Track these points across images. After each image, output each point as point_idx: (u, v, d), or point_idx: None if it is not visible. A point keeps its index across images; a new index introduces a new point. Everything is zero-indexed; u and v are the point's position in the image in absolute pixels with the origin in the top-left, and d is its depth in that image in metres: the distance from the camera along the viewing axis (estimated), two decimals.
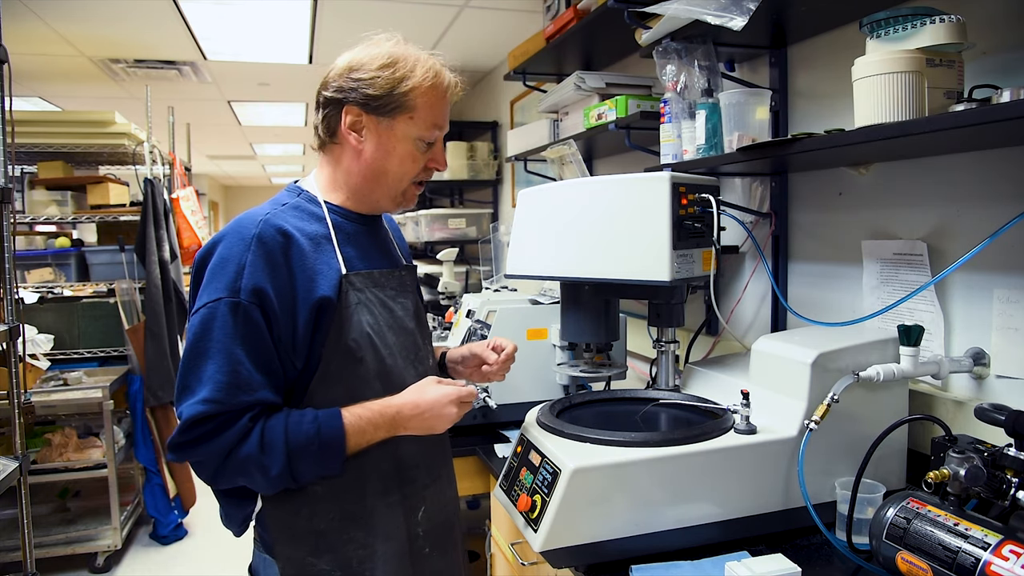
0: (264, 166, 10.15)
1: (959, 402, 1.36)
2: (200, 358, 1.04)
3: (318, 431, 1.06)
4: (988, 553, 0.91)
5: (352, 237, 1.21)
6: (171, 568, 3.27)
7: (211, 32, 3.42)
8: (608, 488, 1.15)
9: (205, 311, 1.05)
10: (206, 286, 1.07)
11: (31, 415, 3.39)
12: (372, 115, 1.15)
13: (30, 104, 4.82)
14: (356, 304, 1.14)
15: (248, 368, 1.04)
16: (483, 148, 4.01)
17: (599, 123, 2.01)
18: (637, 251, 1.32)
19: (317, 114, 1.20)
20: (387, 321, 1.20)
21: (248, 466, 1.05)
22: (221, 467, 1.05)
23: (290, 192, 1.21)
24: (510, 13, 3.14)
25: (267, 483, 1.07)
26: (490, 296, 2.21)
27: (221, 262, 1.07)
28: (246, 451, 1.04)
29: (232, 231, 1.09)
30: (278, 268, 1.08)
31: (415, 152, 1.19)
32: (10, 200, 2.15)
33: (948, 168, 1.38)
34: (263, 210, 1.13)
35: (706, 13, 1.42)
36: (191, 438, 1.03)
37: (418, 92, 1.15)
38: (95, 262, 3.49)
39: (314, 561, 1.13)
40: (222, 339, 1.04)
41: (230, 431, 1.03)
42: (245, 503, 1.16)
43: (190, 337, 1.06)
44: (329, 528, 1.13)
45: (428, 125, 1.18)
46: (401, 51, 1.16)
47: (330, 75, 1.17)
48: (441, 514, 1.28)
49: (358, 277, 1.16)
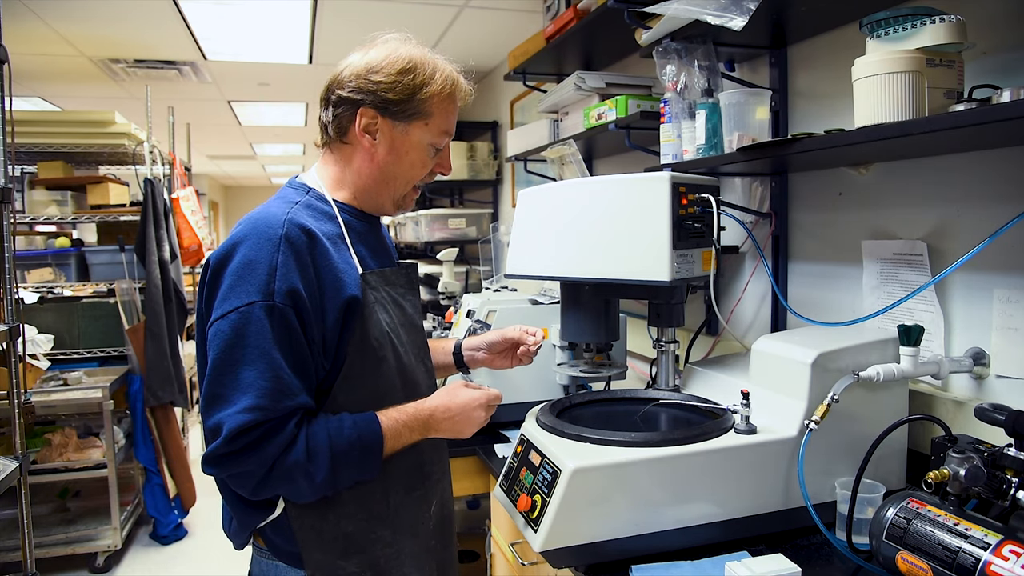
0: (264, 166, 10.15)
1: (959, 402, 1.36)
2: (236, 365, 1.00)
3: (359, 436, 1.06)
4: (988, 553, 0.91)
5: (362, 236, 1.20)
6: (171, 568, 3.27)
7: (211, 32, 3.42)
8: (608, 488, 1.15)
9: (236, 316, 1.01)
10: (232, 290, 1.02)
11: (31, 415, 3.39)
12: (388, 119, 1.14)
13: (30, 104, 4.83)
14: (374, 303, 1.13)
15: (288, 373, 1.01)
16: (483, 148, 4.01)
17: (599, 123, 2.01)
18: (637, 251, 1.32)
19: (326, 112, 1.17)
20: (400, 319, 1.20)
21: (294, 474, 1.02)
22: (266, 477, 1.01)
23: (296, 190, 1.18)
24: (510, 13, 3.14)
25: (311, 490, 1.05)
26: (490, 296, 2.21)
27: (247, 265, 1.03)
28: (293, 459, 1.01)
29: (254, 232, 1.05)
30: (307, 268, 1.05)
31: (425, 157, 1.19)
32: (10, 200, 2.15)
33: (948, 168, 1.38)
34: (282, 209, 1.10)
35: (706, 13, 1.42)
36: (236, 448, 0.98)
37: (436, 100, 1.15)
38: (95, 262, 3.49)
39: (344, 564, 1.11)
40: (260, 344, 1.00)
41: (277, 439, 1.00)
42: (262, 511, 1.11)
43: (220, 343, 1.01)
44: (356, 529, 1.12)
45: (441, 132, 1.19)
46: (420, 56, 1.15)
47: (344, 74, 1.14)
48: (446, 507, 1.30)
49: (373, 276, 1.16)
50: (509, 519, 1.36)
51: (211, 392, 1.01)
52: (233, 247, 1.05)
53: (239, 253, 1.04)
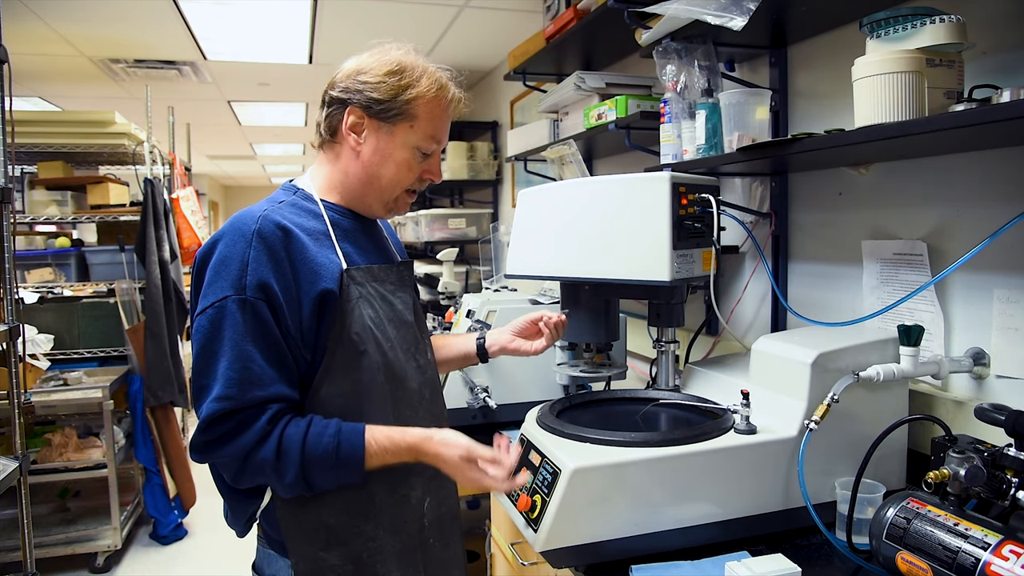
0: (264, 166, 10.16)
1: (959, 402, 1.36)
2: (211, 357, 1.05)
3: (337, 446, 1.07)
4: (988, 553, 0.91)
5: (349, 233, 1.22)
6: (171, 568, 3.26)
7: (211, 32, 3.42)
8: (608, 488, 1.15)
9: (212, 311, 1.06)
10: (209, 286, 1.08)
11: (31, 415, 3.39)
12: (374, 119, 1.17)
13: (30, 104, 4.83)
14: (357, 298, 1.15)
15: (260, 363, 1.05)
16: (483, 148, 4.01)
17: (599, 123, 2.01)
18: (637, 251, 1.32)
19: (321, 112, 1.22)
20: (387, 315, 1.21)
21: (265, 469, 1.06)
22: (241, 468, 1.06)
23: (286, 190, 1.23)
24: (510, 13, 3.15)
25: (282, 487, 1.09)
26: (490, 296, 2.21)
27: (223, 261, 1.08)
28: (263, 455, 1.05)
29: (230, 230, 1.10)
30: (280, 263, 1.09)
31: (411, 161, 1.21)
32: (10, 200, 2.15)
33: (948, 168, 1.38)
34: (260, 207, 1.14)
35: (706, 13, 1.42)
36: (211, 438, 1.04)
37: (421, 102, 1.17)
38: (95, 262, 3.49)
39: (326, 556, 1.13)
40: (232, 336, 1.04)
41: (248, 432, 1.04)
42: (251, 499, 1.16)
43: (200, 338, 1.07)
44: (338, 522, 1.14)
45: (427, 136, 1.20)
46: (410, 60, 1.18)
47: (338, 76, 1.19)
48: (444, 505, 1.30)
49: (358, 271, 1.17)
50: (509, 519, 1.36)
51: (196, 384, 1.08)
52: (213, 244, 1.11)
53: (217, 250, 1.09)
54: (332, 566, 1.13)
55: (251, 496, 1.15)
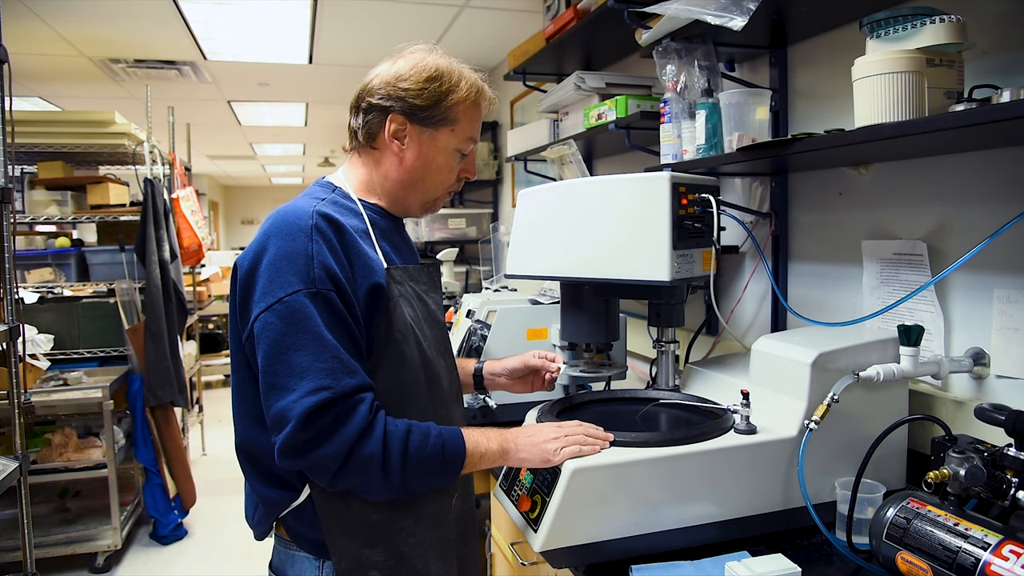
0: (264, 166, 10.16)
1: (959, 402, 1.36)
2: (289, 353, 1.01)
3: (442, 448, 1.08)
4: (988, 553, 0.91)
5: (386, 233, 1.23)
6: (171, 568, 3.26)
7: (211, 32, 3.43)
8: (608, 488, 1.15)
9: (282, 307, 1.02)
10: (272, 283, 1.04)
11: (31, 415, 3.39)
12: (417, 125, 1.18)
13: (30, 104, 4.83)
14: (398, 296, 1.16)
15: (344, 353, 1.03)
16: (483, 148, 4.01)
17: (599, 123, 2.01)
18: (637, 251, 1.32)
19: (356, 118, 1.22)
20: (423, 314, 1.22)
21: (369, 466, 1.03)
22: (343, 466, 1.02)
23: (323, 188, 1.22)
24: (510, 13, 3.15)
25: (386, 486, 1.06)
26: (490, 296, 2.21)
27: (283, 256, 1.05)
28: (369, 450, 1.02)
29: (284, 226, 1.07)
30: (338, 255, 1.08)
31: (452, 162, 1.23)
32: (10, 200, 2.15)
33: (948, 168, 1.38)
34: (309, 203, 1.12)
35: (706, 13, 1.42)
36: (310, 435, 0.99)
37: (461, 107, 1.19)
38: (95, 262, 3.49)
39: (368, 552, 1.12)
40: (312, 328, 1.02)
41: (351, 423, 1.01)
42: (288, 495, 1.12)
43: (270, 334, 1.02)
44: (381, 518, 1.13)
45: (466, 138, 1.23)
46: (445, 64, 1.19)
47: (374, 83, 1.19)
48: (466, 502, 1.31)
49: (397, 271, 1.18)
50: (509, 519, 1.36)
51: (268, 383, 1.03)
52: (264, 244, 1.07)
53: (272, 248, 1.06)
54: (375, 562, 1.12)
55: (288, 492, 1.12)
